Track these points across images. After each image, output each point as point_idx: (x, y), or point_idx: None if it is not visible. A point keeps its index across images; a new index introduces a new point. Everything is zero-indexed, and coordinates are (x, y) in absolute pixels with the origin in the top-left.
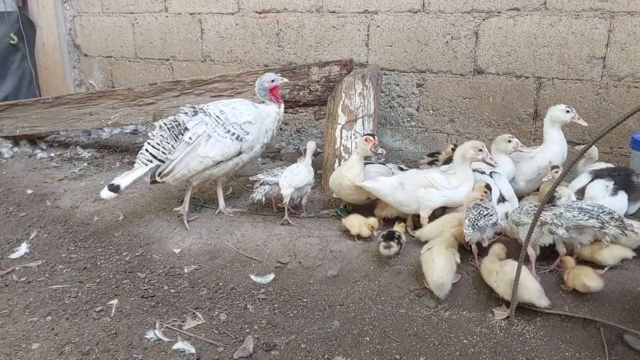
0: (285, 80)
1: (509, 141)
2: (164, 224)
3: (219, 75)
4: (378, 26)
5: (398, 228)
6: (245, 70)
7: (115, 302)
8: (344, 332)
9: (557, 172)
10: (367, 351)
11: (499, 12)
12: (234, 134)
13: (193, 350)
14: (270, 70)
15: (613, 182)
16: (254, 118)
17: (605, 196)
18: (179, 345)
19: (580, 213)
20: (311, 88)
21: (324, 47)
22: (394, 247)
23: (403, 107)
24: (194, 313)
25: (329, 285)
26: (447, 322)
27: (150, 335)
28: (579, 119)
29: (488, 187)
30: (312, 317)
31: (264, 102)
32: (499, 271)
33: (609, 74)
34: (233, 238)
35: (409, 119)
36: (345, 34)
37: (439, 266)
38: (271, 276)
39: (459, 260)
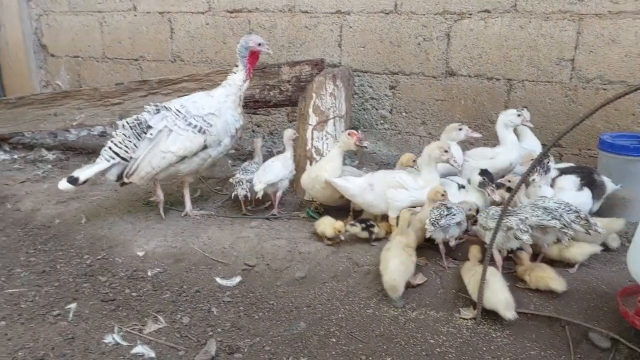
0: (271, 52)
1: (460, 129)
2: (128, 227)
3: (187, 75)
4: (351, 27)
5: (381, 224)
6: (215, 70)
7: (73, 306)
8: (310, 333)
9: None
10: (333, 352)
11: (470, 14)
12: (195, 126)
13: (152, 354)
14: None
15: (579, 178)
16: (217, 110)
17: (573, 189)
18: (138, 349)
19: (544, 213)
20: (282, 88)
21: (296, 47)
22: (356, 228)
23: (376, 109)
24: (155, 316)
25: (297, 286)
26: (414, 322)
27: (108, 339)
28: (527, 121)
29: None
30: (278, 319)
31: (232, 71)
32: (476, 271)
33: (578, 76)
34: (199, 241)
35: (382, 121)
36: (318, 35)
37: (393, 268)
38: (237, 279)
39: (414, 259)
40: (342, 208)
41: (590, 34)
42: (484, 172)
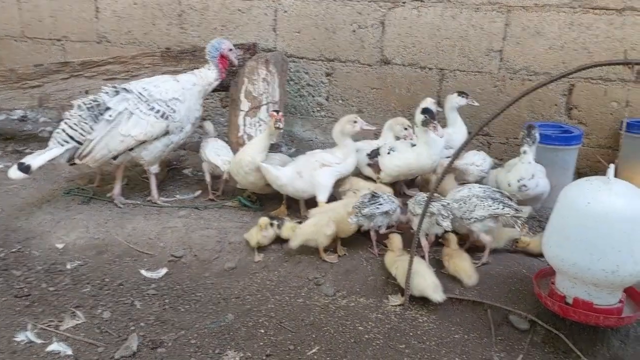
0: (236, 62)
1: (355, 122)
2: (47, 217)
3: (112, 57)
4: (285, 11)
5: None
6: (142, 52)
7: None
8: (238, 325)
9: None
10: (261, 343)
11: (403, 3)
12: (158, 111)
13: (69, 352)
14: (171, 52)
15: None
16: (182, 95)
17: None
18: (54, 346)
19: (494, 202)
20: None
21: (229, 30)
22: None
23: (313, 96)
24: (73, 312)
25: (226, 277)
26: (344, 310)
27: (20, 337)
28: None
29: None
30: (205, 312)
31: (204, 67)
32: (401, 260)
33: (506, 66)
34: (124, 231)
35: (318, 109)
36: (252, 18)
37: (307, 222)
38: (163, 270)
39: (329, 232)
40: (275, 196)
41: (517, 25)
42: (425, 110)
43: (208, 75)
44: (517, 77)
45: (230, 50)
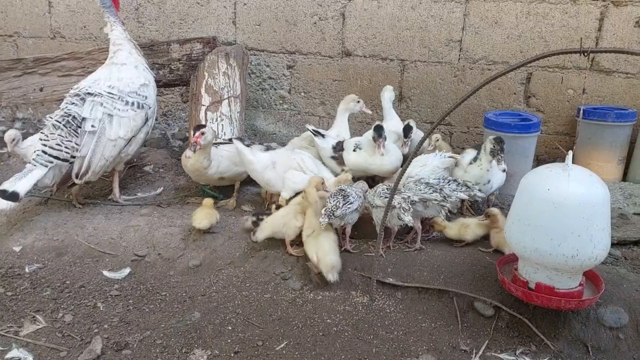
0: None
1: (358, 102)
2: (3, 220)
3: (66, 53)
4: (245, 4)
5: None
6: (98, 47)
7: None
8: (205, 323)
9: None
10: (229, 340)
11: None
12: (133, 103)
13: (30, 358)
14: None
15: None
16: (145, 78)
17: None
18: (14, 353)
19: (426, 187)
20: (172, 67)
21: (188, 24)
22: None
23: (275, 89)
24: (34, 316)
25: (191, 275)
26: (311, 303)
27: None
28: None
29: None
30: (171, 311)
31: (108, 34)
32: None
33: (465, 56)
34: (84, 232)
35: (281, 102)
36: (211, 11)
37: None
38: (127, 270)
39: (298, 223)
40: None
41: (476, 15)
42: (376, 128)
43: (118, 34)
44: (476, 66)
45: None
